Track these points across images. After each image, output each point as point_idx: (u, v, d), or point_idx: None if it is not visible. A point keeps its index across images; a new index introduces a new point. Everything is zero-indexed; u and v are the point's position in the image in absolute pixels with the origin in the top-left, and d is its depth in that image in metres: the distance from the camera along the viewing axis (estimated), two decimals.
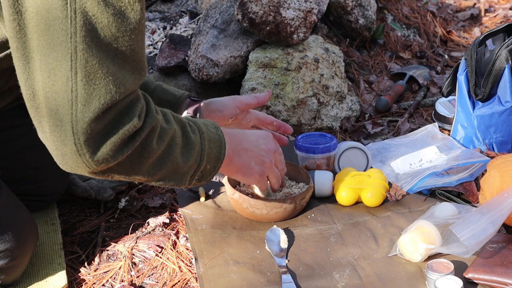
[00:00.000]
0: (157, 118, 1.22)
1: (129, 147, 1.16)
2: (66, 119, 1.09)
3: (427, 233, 1.49)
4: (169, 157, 1.26)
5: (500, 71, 1.93)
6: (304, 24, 2.23)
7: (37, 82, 1.09)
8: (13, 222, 1.42)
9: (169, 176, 1.29)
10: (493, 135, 1.99)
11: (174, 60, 2.34)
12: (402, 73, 2.65)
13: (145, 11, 1.16)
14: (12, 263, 1.41)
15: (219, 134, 1.39)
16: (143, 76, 1.17)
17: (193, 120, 1.37)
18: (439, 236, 1.50)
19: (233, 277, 1.48)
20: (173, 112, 1.32)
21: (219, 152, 1.37)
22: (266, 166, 1.55)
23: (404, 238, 1.51)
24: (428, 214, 1.62)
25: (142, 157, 1.20)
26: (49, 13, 1.05)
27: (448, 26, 3.23)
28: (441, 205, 1.64)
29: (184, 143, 1.29)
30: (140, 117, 1.17)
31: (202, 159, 1.33)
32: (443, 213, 1.60)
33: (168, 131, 1.25)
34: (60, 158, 1.13)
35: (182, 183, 1.33)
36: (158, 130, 1.22)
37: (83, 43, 1.06)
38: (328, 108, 2.26)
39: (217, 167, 1.38)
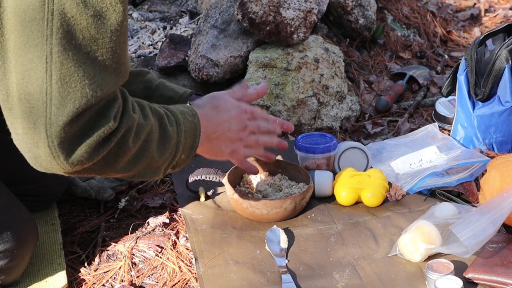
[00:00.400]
0: (133, 117, 1.20)
1: (104, 148, 1.15)
2: (40, 122, 1.08)
3: (427, 233, 1.49)
4: (145, 153, 1.25)
5: (500, 71, 1.93)
6: (304, 24, 2.23)
7: (11, 83, 1.08)
8: (12, 222, 1.42)
9: (144, 171, 1.29)
10: (493, 135, 1.99)
11: (174, 60, 2.34)
12: (402, 73, 2.65)
13: (127, 11, 1.14)
14: (11, 263, 1.41)
15: (195, 122, 1.38)
16: (124, 77, 1.16)
17: (171, 110, 1.35)
18: (439, 236, 1.50)
19: (233, 277, 1.48)
20: (151, 104, 1.31)
21: (193, 141, 1.37)
22: (236, 144, 1.54)
23: (404, 238, 1.51)
24: (428, 214, 1.62)
25: (118, 156, 1.20)
26: (26, 14, 1.04)
27: (448, 26, 3.22)
28: (441, 205, 1.64)
29: (160, 136, 1.28)
30: (115, 118, 1.15)
31: (177, 151, 1.32)
32: (443, 213, 1.60)
33: (144, 127, 1.24)
34: (33, 160, 1.13)
35: (156, 175, 1.33)
36: (134, 129, 1.21)
37: (59, 45, 1.05)
38: (328, 108, 2.26)
39: (191, 155, 1.38)
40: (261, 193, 1.74)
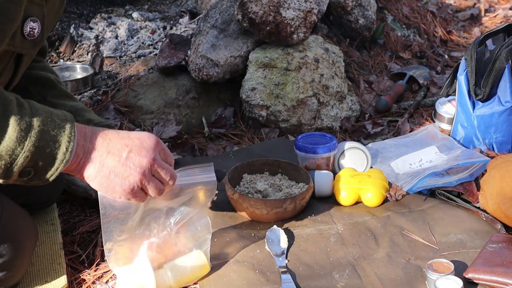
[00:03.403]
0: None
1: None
2: None
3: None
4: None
5: (500, 71, 1.93)
6: (304, 24, 2.23)
7: None
8: (9, 235, 1.38)
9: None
10: (493, 135, 1.99)
11: (174, 60, 2.34)
12: (402, 73, 2.65)
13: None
14: (10, 273, 1.40)
15: (66, 130, 1.20)
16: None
17: (40, 106, 1.21)
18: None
19: (233, 276, 1.48)
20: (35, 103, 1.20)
21: (56, 151, 1.18)
22: (133, 181, 1.26)
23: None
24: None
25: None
26: None
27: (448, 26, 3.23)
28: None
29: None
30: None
31: (21, 152, 1.15)
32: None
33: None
34: None
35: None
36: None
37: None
38: (328, 108, 2.26)
39: (55, 167, 1.19)
40: (261, 193, 1.74)
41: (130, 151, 1.25)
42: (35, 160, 1.17)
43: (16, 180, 1.20)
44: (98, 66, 2.54)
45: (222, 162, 2.00)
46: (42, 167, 1.19)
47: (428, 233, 1.62)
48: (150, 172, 1.28)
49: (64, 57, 2.64)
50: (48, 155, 1.18)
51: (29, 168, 1.18)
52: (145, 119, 2.26)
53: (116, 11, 2.91)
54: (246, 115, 2.27)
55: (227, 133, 2.24)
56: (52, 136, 1.18)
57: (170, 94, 2.30)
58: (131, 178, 1.25)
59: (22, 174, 1.19)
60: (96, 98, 2.31)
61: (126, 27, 2.70)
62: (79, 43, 2.66)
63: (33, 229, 1.48)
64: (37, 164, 1.18)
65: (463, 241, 1.58)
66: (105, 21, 2.76)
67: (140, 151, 1.26)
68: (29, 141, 1.15)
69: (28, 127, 1.16)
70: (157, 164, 1.28)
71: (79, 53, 2.64)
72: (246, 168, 1.83)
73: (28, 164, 1.17)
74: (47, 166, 1.19)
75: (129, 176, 1.25)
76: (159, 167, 1.29)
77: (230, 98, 2.38)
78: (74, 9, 2.90)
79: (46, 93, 1.56)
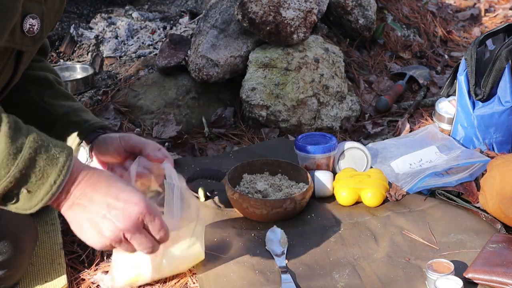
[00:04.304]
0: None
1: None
2: None
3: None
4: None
5: (500, 71, 1.93)
6: (304, 24, 2.23)
7: None
8: (8, 232, 1.39)
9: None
10: (493, 135, 1.99)
11: (174, 60, 2.34)
12: (402, 73, 2.65)
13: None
14: (10, 272, 1.40)
15: (59, 163, 1.15)
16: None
17: (38, 133, 1.16)
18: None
19: (233, 276, 1.48)
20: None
21: (42, 182, 1.13)
22: (106, 241, 1.19)
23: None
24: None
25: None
26: None
27: (448, 26, 3.22)
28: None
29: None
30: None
31: (5, 176, 1.10)
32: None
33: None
34: None
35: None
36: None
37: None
38: (328, 108, 2.26)
39: (39, 197, 1.14)
40: (261, 193, 1.74)
41: (109, 212, 1.18)
42: (19, 187, 1.12)
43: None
44: (98, 66, 2.54)
45: (222, 162, 2.00)
46: (26, 195, 1.13)
47: (428, 233, 1.62)
48: (125, 237, 1.19)
49: (64, 57, 2.64)
50: (33, 185, 1.13)
51: (13, 194, 1.13)
52: (145, 119, 2.26)
53: (116, 11, 2.91)
54: (246, 115, 2.27)
55: (227, 133, 2.23)
56: (42, 166, 1.13)
57: (170, 94, 2.30)
58: (106, 236, 1.18)
59: (5, 199, 1.13)
60: (96, 98, 2.31)
61: (126, 27, 2.70)
62: (79, 43, 2.66)
63: (33, 228, 1.49)
64: (19, 191, 1.13)
65: (463, 241, 1.58)
66: (105, 21, 2.76)
67: (118, 216, 1.18)
68: (15, 167, 1.11)
69: (17, 152, 1.11)
70: (136, 238, 1.20)
71: (79, 53, 2.64)
72: (246, 168, 1.83)
73: (11, 189, 1.12)
74: (31, 195, 1.14)
75: (105, 233, 1.18)
76: (133, 239, 1.20)
77: (230, 98, 2.38)
78: (74, 9, 2.90)
79: (44, 93, 1.55)
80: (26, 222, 1.46)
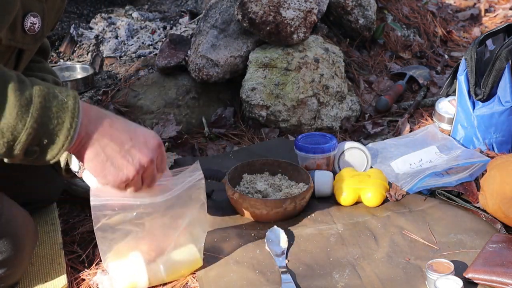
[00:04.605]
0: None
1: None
2: None
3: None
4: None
5: (500, 71, 1.93)
6: (304, 24, 2.23)
7: None
8: (8, 231, 1.39)
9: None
10: (493, 135, 1.99)
11: (174, 60, 2.34)
12: (402, 73, 2.65)
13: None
14: (10, 271, 1.40)
15: (70, 106, 1.16)
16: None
17: (41, 82, 1.18)
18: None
19: (233, 277, 1.48)
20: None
21: (59, 127, 1.15)
22: (127, 174, 1.25)
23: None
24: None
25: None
26: None
27: (448, 26, 3.22)
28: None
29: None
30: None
31: (22, 129, 1.11)
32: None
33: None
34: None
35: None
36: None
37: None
38: (328, 108, 2.26)
39: (59, 144, 1.15)
40: (261, 193, 1.74)
41: (133, 146, 1.24)
42: (39, 137, 1.13)
43: (22, 159, 1.16)
44: (98, 66, 2.54)
45: (222, 162, 2.00)
46: (46, 145, 1.15)
47: (428, 233, 1.62)
48: (142, 172, 1.27)
49: (64, 57, 2.64)
50: (52, 132, 1.14)
51: (35, 147, 1.14)
52: (145, 119, 2.26)
53: (116, 11, 2.91)
54: (246, 115, 2.27)
55: (227, 133, 2.24)
56: (55, 112, 1.14)
57: (170, 94, 2.30)
58: (126, 171, 1.24)
59: (28, 154, 1.15)
60: (96, 98, 2.31)
61: (126, 27, 2.70)
62: (79, 43, 2.66)
63: (33, 227, 1.49)
64: (41, 142, 1.14)
65: (463, 241, 1.58)
66: (105, 21, 2.76)
67: (142, 149, 1.25)
68: (30, 118, 1.12)
69: (28, 103, 1.12)
70: (151, 169, 1.28)
71: (79, 53, 2.64)
72: (246, 168, 1.83)
73: (32, 142, 1.13)
74: (51, 143, 1.15)
75: (125, 170, 1.24)
76: (150, 173, 1.28)
77: (230, 98, 2.38)
78: (74, 9, 2.90)
79: None
80: (26, 221, 1.46)
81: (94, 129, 1.20)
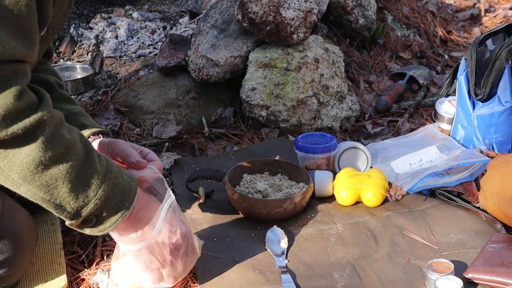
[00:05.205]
0: (53, 113, 1.13)
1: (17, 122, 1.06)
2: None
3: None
4: (55, 167, 1.13)
5: (500, 71, 1.93)
6: (304, 24, 2.23)
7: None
8: (9, 231, 1.39)
9: (45, 191, 1.15)
10: (493, 135, 1.99)
11: (174, 60, 2.34)
12: (402, 73, 2.65)
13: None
14: (11, 270, 1.40)
15: (131, 184, 1.26)
16: (32, 46, 1.12)
17: (106, 157, 1.25)
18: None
19: (233, 276, 1.48)
20: (82, 135, 1.23)
21: (121, 202, 1.23)
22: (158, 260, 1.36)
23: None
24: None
25: (25, 141, 1.10)
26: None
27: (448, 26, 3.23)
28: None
29: (82, 165, 1.17)
30: (19, 98, 1.07)
31: (95, 196, 1.19)
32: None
33: (64, 137, 1.14)
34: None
35: (57, 210, 1.20)
36: (50, 126, 1.12)
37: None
38: (328, 108, 2.26)
39: (114, 218, 1.24)
40: (261, 193, 1.74)
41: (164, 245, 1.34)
42: (101, 209, 1.21)
43: (78, 226, 1.23)
44: (98, 66, 2.54)
45: (222, 162, 2.00)
46: (104, 217, 1.22)
47: (428, 233, 1.62)
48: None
49: (64, 57, 2.64)
50: (113, 207, 1.22)
51: (93, 216, 1.21)
52: (145, 119, 2.26)
53: (116, 11, 2.91)
54: (246, 115, 2.27)
55: (227, 133, 2.24)
56: (120, 189, 1.23)
57: (170, 94, 2.30)
58: (155, 265, 1.36)
59: (85, 221, 1.22)
60: (96, 98, 2.31)
61: (126, 27, 2.70)
62: (79, 43, 2.66)
63: (33, 227, 1.49)
64: (101, 213, 1.21)
65: (463, 241, 1.58)
66: (105, 21, 2.76)
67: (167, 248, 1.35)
68: (102, 190, 1.19)
69: (103, 177, 1.19)
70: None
71: (79, 53, 2.64)
72: (246, 168, 1.83)
73: (95, 212, 1.20)
74: (109, 217, 1.23)
75: (153, 263, 1.36)
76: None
77: (230, 98, 2.38)
78: (74, 9, 2.90)
79: None
80: (27, 221, 1.46)
81: (142, 215, 1.30)
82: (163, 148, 2.12)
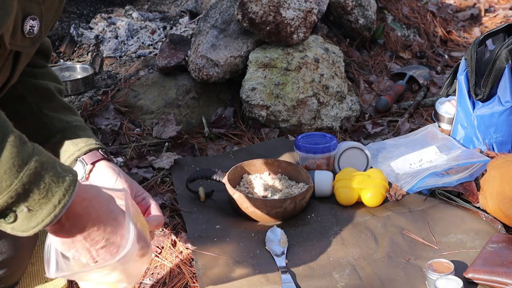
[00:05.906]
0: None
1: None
2: None
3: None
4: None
5: (500, 71, 1.93)
6: (304, 24, 2.23)
7: None
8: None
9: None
10: (493, 135, 1.99)
11: (174, 60, 2.34)
12: (402, 73, 2.65)
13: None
14: (10, 271, 1.40)
15: (65, 182, 1.04)
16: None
17: (44, 152, 1.06)
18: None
19: (233, 276, 1.48)
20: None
21: (46, 201, 1.02)
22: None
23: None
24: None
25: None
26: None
27: (448, 26, 3.22)
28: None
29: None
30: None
31: (6, 189, 1.00)
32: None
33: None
34: None
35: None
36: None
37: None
38: (328, 108, 2.26)
39: (39, 218, 1.03)
40: (261, 193, 1.74)
41: (104, 246, 1.12)
42: (19, 203, 1.01)
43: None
44: (98, 66, 2.54)
45: (222, 162, 2.00)
46: (25, 214, 1.03)
47: (428, 233, 1.62)
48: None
49: (64, 57, 2.64)
50: (36, 203, 1.02)
51: (11, 211, 1.02)
52: (145, 119, 2.26)
53: (116, 11, 2.91)
54: (246, 115, 2.27)
55: (227, 133, 2.24)
56: (47, 183, 1.03)
57: (170, 94, 2.30)
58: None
59: (2, 215, 1.03)
60: (96, 98, 2.31)
61: (126, 27, 2.70)
62: (79, 43, 2.66)
63: None
64: (20, 209, 1.02)
65: (463, 241, 1.58)
66: (105, 21, 2.76)
67: (111, 249, 1.12)
68: (19, 181, 1.00)
69: (22, 165, 1.01)
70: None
71: (79, 53, 2.64)
72: (246, 168, 1.83)
73: (11, 205, 1.01)
74: (31, 215, 1.03)
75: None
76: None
77: (230, 98, 2.38)
78: (74, 9, 2.90)
79: (43, 105, 1.50)
80: None
81: (79, 223, 1.09)
82: (163, 148, 2.12)
